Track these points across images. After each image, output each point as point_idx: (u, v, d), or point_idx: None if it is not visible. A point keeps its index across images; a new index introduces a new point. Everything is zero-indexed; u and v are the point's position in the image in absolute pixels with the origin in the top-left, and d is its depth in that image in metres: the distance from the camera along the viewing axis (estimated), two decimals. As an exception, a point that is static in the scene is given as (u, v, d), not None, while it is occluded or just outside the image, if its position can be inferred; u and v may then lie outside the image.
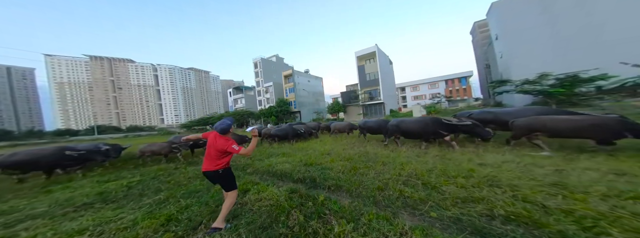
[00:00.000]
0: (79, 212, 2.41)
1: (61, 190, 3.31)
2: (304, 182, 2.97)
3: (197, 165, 4.56)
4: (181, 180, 3.47)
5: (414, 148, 4.50)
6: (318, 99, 38.47)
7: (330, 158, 4.08)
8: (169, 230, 1.81)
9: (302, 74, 35.34)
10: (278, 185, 2.86)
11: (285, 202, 2.18)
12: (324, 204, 2.10)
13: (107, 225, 1.97)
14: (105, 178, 3.94)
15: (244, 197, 2.43)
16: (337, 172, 3.20)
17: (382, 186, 2.45)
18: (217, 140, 1.85)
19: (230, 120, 1.96)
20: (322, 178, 2.93)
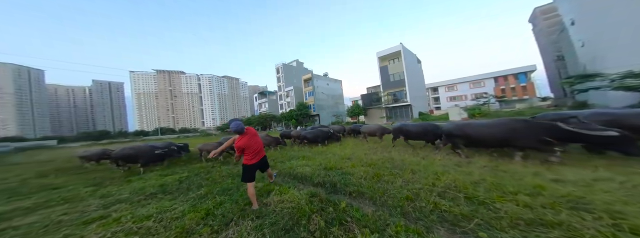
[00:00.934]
0: (147, 200, 2.88)
1: (137, 180, 3.97)
2: (324, 186, 2.92)
3: (229, 165, 4.97)
4: (216, 178, 3.76)
5: (451, 157, 3.92)
6: (337, 102, 38.04)
7: (351, 163, 3.92)
8: (207, 223, 2.00)
9: (321, 77, 35.75)
10: (299, 187, 2.87)
11: (306, 206, 2.17)
12: (346, 211, 2.03)
13: (164, 213, 2.29)
14: (165, 172, 4.51)
15: (267, 198, 2.52)
16: (358, 177, 3.04)
17: (411, 196, 2.22)
18: (237, 140, 2.31)
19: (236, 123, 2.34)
20: (342, 184, 2.84)
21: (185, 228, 1.92)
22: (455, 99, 33.13)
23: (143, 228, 1.98)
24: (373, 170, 3.30)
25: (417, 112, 22.56)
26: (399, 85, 23.81)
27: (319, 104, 32.65)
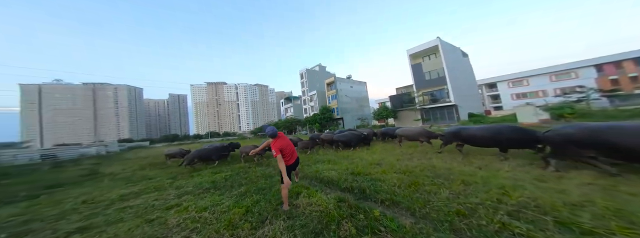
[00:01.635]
0: (204, 194, 3.29)
1: (197, 176, 4.58)
2: (351, 191, 2.86)
3: (262, 166, 5.35)
4: (253, 178, 4.06)
5: (529, 168, 3.12)
6: (362, 105, 36.54)
7: (381, 169, 3.71)
8: (247, 220, 2.18)
9: (343, 80, 35.33)
10: (325, 192, 2.88)
11: (335, 211, 2.17)
12: (379, 220, 1.93)
13: (216, 206, 2.62)
14: (215, 170, 5.10)
15: (296, 199, 2.60)
16: (390, 185, 2.86)
17: (464, 211, 1.92)
18: (271, 143, 2.45)
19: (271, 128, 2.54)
20: (373, 191, 2.71)
21: (231, 221, 2.17)
22: (527, 96, 25.82)
23: (202, 217, 2.34)
24: (409, 178, 3.04)
25: (464, 113, 18.79)
26: (437, 84, 20.52)
27: (343, 107, 32.05)
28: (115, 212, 2.72)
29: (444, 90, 19.72)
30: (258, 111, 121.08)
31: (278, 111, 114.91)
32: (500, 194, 2.20)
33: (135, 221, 2.33)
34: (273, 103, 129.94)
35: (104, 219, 2.47)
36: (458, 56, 22.31)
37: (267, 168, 4.97)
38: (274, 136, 2.46)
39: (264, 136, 37.68)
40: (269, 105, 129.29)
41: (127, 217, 2.49)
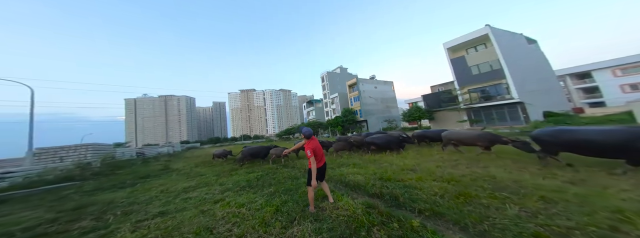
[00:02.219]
0: (241, 191, 3.60)
1: (235, 175, 5.09)
2: (381, 198, 2.70)
3: (288, 168, 5.59)
4: (280, 179, 4.27)
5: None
6: (389, 106, 34.11)
7: (417, 176, 3.38)
8: (277, 219, 2.29)
9: (367, 80, 33.82)
10: (351, 196, 2.82)
11: (363, 217, 2.08)
12: (417, 231, 1.73)
13: (251, 204, 2.87)
14: (249, 170, 5.59)
15: (322, 203, 2.60)
16: (430, 194, 2.56)
17: (545, 235, 1.50)
18: (305, 144, 2.50)
19: (307, 129, 2.60)
20: (407, 198, 2.49)
21: (264, 219, 2.32)
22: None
23: (240, 213, 2.60)
24: (455, 188, 2.67)
25: (536, 112, 14.66)
26: (490, 78, 16.78)
27: (366, 109, 30.57)
28: (180, 201, 3.33)
29: (501, 85, 16.01)
30: (282, 115, 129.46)
31: (300, 114, 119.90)
32: (616, 220, 1.64)
33: (193, 211, 2.78)
34: (296, 107, 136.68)
35: (174, 207, 3.05)
36: (520, 43, 17.71)
37: (292, 170, 5.15)
38: (309, 137, 2.51)
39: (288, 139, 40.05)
40: (292, 109, 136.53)
41: (188, 207, 3.00)
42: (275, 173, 4.95)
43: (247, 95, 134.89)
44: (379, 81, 34.87)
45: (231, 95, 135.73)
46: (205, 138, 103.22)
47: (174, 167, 8.13)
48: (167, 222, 2.43)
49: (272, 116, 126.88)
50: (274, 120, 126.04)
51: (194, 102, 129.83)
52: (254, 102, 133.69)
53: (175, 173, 6.48)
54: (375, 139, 6.37)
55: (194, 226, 2.25)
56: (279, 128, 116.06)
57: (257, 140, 53.68)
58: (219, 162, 8.48)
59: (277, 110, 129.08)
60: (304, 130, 2.53)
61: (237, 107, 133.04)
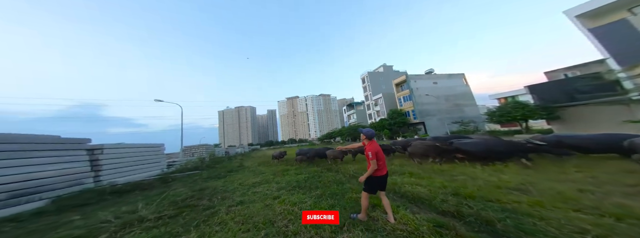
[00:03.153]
0: (292, 191, 3.91)
1: (287, 175, 5.57)
2: (458, 218, 2.21)
3: (332, 171, 5.66)
4: (326, 182, 4.41)
5: None
6: (459, 104, 27.01)
7: (531, 199, 2.46)
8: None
9: (421, 76, 28.67)
10: (411, 210, 2.48)
11: (432, 236, 1.78)
12: None
13: (301, 204, 3.09)
14: (298, 171, 6.15)
15: (373, 211, 2.46)
16: (571, 230, 1.70)
17: None
18: (367, 145, 2.32)
19: (369, 129, 2.43)
20: (512, 227, 1.83)
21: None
22: None
23: (293, 211, 2.84)
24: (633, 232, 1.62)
25: None
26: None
27: (423, 108, 25.75)
28: (251, 194, 4.16)
29: None
30: (323, 119, 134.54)
31: (341, 118, 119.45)
32: None
33: (260, 204, 3.39)
34: (335, 111, 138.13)
35: (248, 198, 3.86)
36: None
37: (337, 174, 5.18)
38: (371, 137, 2.36)
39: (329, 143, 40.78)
40: (332, 113, 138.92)
41: (256, 200, 3.68)
42: (320, 176, 5.15)
43: (292, 102, 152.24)
44: (441, 75, 28.59)
45: (280, 103, 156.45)
46: (263, 141, 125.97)
47: (246, 165, 10.36)
48: (245, 210, 3.12)
49: (314, 121, 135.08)
50: (316, 125, 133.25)
51: (255, 111, 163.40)
52: (298, 108, 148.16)
53: (246, 170, 8.24)
54: (469, 146, 4.85)
55: (261, 217, 2.73)
56: (320, 132, 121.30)
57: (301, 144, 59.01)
58: (275, 162, 9.92)
59: (318, 115, 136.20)
60: (365, 131, 2.35)
61: (285, 114, 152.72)
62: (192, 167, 10.02)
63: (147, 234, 2.44)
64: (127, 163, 7.69)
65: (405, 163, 5.73)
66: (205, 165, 10.88)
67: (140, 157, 8.51)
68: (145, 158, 8.76)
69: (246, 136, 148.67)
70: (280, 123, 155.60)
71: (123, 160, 7.49)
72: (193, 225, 2.62)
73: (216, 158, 14.40)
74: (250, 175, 6.55)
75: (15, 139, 4.63)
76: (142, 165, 8.47)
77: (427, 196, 2.86)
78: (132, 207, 3.46)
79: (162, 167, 9.87)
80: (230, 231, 2.37)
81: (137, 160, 8.26)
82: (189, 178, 7.15)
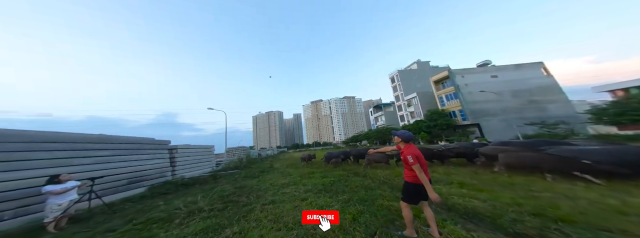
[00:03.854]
0: (318, 193, 4.06)
1: (312, 178, 5.71)
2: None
3: (360, 176, 5.47)
4: (353, 187, 4.31)
5: None
6: (536, 100, 21.23)
7: None
8: (355, 228, 2.28)
9: (472, 70, 24.16)
10: (464, 226, 2.13)
11: None
12: None
13: (328, 207, 3.12)
14: (324, 174, 6.22)
15: (413, 221, 2.16)
16: None
17: None
18: (404, 149, 2.08)
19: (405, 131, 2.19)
20: None
21: (342, 226, 2.34)
22: None
23: None
24: None
25: None
26: None
27: (476, 108, 21.48)
28: (281, 194, 4.44)
29: None
30: (348, 122, 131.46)
31: (367, 121, 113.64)
32: None
33: (290, 204, 3.58)
34: (361, 113, 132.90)
35: (278, 198, 4.14)
36: None
37: (365, 180, 4.96)
38: (408, 140, 2.13)
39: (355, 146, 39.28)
40: (357, 115, 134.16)
41: (286, 200, 3.91)
42: (347, 180, 5.06)
43: (316, 106, 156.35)
44: (504, 66, 23.31)
45: (304, 107, 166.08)
46: (290, 144, 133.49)
47: (275, 166, 11.21)
48: (276, 209, 3.37)
49: (338, 124, 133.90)
50: (340, 128, 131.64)
51: (282, 116, 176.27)
52: (322, 111, 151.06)
53: (276, 171, 8.90)
54: (601, 155, 3.43)
55: (291, 218, 2.88)
56: (345, 135, 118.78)
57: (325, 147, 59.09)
58: (303, 164, 10.30)
59: (342, 117, 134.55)
60: (400, 133, 2.13)
61: (309, 117, 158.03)
62: (233, 167, 11.70)
63: (203, 223, 2.90)
64: (191, 161, 9.73)
65: (452, 171, 5.15)
66: (243, 165, 12.48)
67: (199, 156, 10.59)
68: (202, 158, 10.85)
69: (275, 139, 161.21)
70: (305, 127, 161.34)
71: (188, 159, 9.52)
72: (235, 219, 3.03)
73: (251, 159, 16.27)
74: (280, 176, 7.01)
75: (129, 141, 6.70)
76: (199, 163, 10.51)
77: (489, 212, 2.42)
78: (194, 199, 4.32)
79: (212, 165, 11.95)
80: (265, 228, 2.60)
81: (197, 159, 10.32)
82: (231, 176, 8.34)
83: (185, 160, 9.22)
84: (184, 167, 9.01)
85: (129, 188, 5.88)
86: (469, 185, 3.74)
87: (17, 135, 4.08)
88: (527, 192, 3.24)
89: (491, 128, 20.16)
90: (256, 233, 2.46)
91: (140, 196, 5.50)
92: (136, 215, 3.72)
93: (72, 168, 4.54)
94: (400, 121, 35.70)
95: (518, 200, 2.78)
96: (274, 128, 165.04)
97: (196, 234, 2.55)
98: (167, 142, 8.48)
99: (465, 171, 5.25)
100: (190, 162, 9.63)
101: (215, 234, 2.53)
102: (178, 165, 8.59)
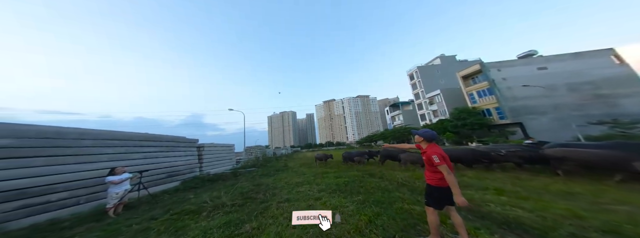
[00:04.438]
0: (332, 193, 4.03)
1: (326, 178, 5.73)
2: None
3: (376, 178, 5.29)
4: (369, 188, 4.27)
5: None
6: (600, 94, 17.46)
7: None
8: (372, 230, 2.20)
9: (512, 62, 21.14)
10: (503, 236, 1.92)
11: None
12: None
13: (342, 208, 3.09)
14: (338, 175, 6.05)
15: (439, 227, 2.01)
16: None
17: None
18: (427, 148, 1.95)
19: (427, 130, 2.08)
20: None
21: (358, 227, 2.28)
22: None
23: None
24: None
25: None
26: None
27: (518, 105, 18.68)
28: (295, 193, 4.53)
29: None
30: (361, 121, 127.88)
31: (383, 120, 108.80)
32: None
33: (304, 203, 3.64)
34: (376, 112, 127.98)
35: (293, 196, 4.23)
36: None
37: (381, 181, 4.78)
38: (432, 139, 2.01)
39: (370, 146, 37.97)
40: (372, 114, 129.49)
41: (300, 199, 3.97)
42: (361, 181, 4.95)
43: (329, 105, 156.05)
44: (557, 56, 19.87)
45: (317, 106, 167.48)
46: (303, 143, 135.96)
47: (289, 165, 11.55)
48: (291, 207, 3.46)
49: (352, 123, 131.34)
50: (353, 128, 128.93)
51: (296, 116, 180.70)
52: (335, 111, 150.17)
53: (290, 170, 9.15)
54: None
55: None
56: (358, 135, 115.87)
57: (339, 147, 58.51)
58: (317, 164, 10.34)
59: (356, 117, 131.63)
60: (423, 132, 2.01)
61: (322, 117, 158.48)
62: (250, 165, 12.45)
63: (226, 217, 3.10)
64: (215, 158, 10.68)
65: (486, 175, 4.62)
66: (260, 163, 13.17)
67: (221, 154, 11.57)
68: (224, 156, 11.82)
69: (289, 138, 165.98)
70: (318, 127, 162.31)
71: (212, 156, 10.48)
72: (254, 215, 3.20)
73: (267, 158, 17.08)
74: (294, 175, 7.17)
75: (167, 139, 7.68)
76: (222, 160, 11.47)
77: (538, 224, 2.12)
78: (218, 194, 4.71)
79: (233, 163, 12.91)
80: (281, 226, 2.70)
81: (220, 156, 11.29)
82: (249, 174, 8.87)
83: (210, 158, 10.16)
84: (209, 164, 9.94)
85: (166, 181, 6.75)
86: (509, 192, 3.32)
87: (88, 133, 4.99)
88: (592, 203, 2.73)
89: (538, 128, 17.12)
90: (273, 230, 2.56)
91: (175, 189, 6.26)
92: (172, 206, 4.23)
93: (125, 162, 5.40)
94: (421, 120, 33.18)
95: (579, 212, 2.38)
96: (287, 128, 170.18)
97: (220, 227, 2.78)
98: (195, 140, 9.47)
99: (503, 176, 4.63)
100: (214, 159, 10.56)
101: (237, 228, 2.71)
102: (204, 162, 9.52)
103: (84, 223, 3.51)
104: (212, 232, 2.63)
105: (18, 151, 3.75)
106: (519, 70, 19.81)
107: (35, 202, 3.71)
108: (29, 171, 3.79)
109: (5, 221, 3.30)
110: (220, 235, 2.52)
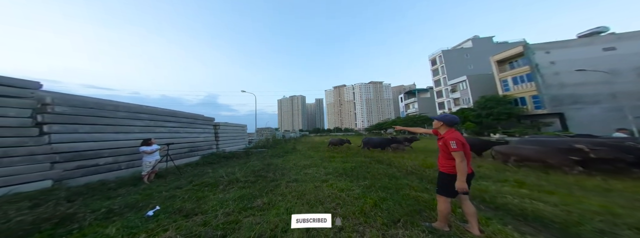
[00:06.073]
0: (339, 177, 4.14)
1: (333, 162, 5.90)
2: None
3: (383, 164, 5.38)
4: (375, 173, 4.34)
5: None
6: None
7: None
8: (377, 214, 2.26)
9: (569, 43, 17.20)
10: (517, 227, 1.85)
11: None
12: None
13: (349, 191, 3.17)
14: (345, 160, 6.35)
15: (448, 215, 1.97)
16: None
17: None
18: (445, 134, 1.86)
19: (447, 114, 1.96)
20: None
21: (363, 209, 2.32)
22: None
23: (341, 197, 2.91)
24: None
25: None
26: None
27: (563, 92, 16.04)
28: (303, 174, 4.73)
29: None
30: (372, 108, 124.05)
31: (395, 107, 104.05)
32: None
33: (311, 184, 3.78)
34: (389, 99, 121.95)
35: (301, 177, 4.44)
36: None
37: (389, 168, 4.81)
38: (453, 124, 1.90)
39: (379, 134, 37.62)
40: (384, 101, 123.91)
41: (307, 180, 4.14)
42: (368, 167, 5.02)
43: (339, 91, 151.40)
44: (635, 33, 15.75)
45: (327, 92, 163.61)
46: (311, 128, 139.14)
47: (298, 148, 11.99)
48: (299, 188, 3.62)
49: (361, 110, 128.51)
50: (363, 114, 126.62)
51: (305, 100, 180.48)
52: (345, 97, 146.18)
53: (298, 153, 9.50)
54: None
55: (312, 196, 3.05)
56: (368, 122, 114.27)
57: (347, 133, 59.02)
58: (327, 148, 10.36)
59: (366, 103, 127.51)
60: (442, 116, 1.91)
61: (331, 103, 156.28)
62: (261, 146, 13.22)
63: (240, 192, 3.33)
64: (229, 137, 11.45)
65: (506, 167, 4.53)
66: (270, 145, 13.91)
67: (235, 134, 12.32)
68: (237, 135, 12.60)
69: (297, 122, 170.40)
70: (327, 112, 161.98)
71: (227, 135, 11.20)
72: (264, 191, 3.44)
73: (276, 140, 17.94)
74: (302, 158, 7.46)
75: (188, 116, 8.17)
76: (235, 139, 12.28)
77: (560, 218, 2.01)
78: (232, 170, 5.12)
79: (245, 142, 13.82)
80: (289, 203, 2.86)
81: (233, 135, 12.06)
82: (260, 154, 9.45)
83: (225, 136, 10.87)
84: (224, 142, 10.72)
85: (188, 155, 7.51)
86: (531, 186, 3.15)
87: (121, 106, 5.51)
88: (633, 200, 2.52)
89: (583, 120, 14.92)
90: (283, 206, 2.73)
91: (196, 163, 6.97)
92: (194, 178, 4.72)
93: (153, 135, 5.93)
94: (439, 109, 31.09)
95: (614, 209, 2.22)
96: (296, 112, 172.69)
97: (235, 200, 3.04)
98: (212, 118, 10.03)
99: (528, 170, 4.28)
100: (229, 138, 11.32)
101: (250, 202, 2.94)
102: (220, 140, 10.26)
103: (125, 186, 4.14)
104: (228, 203, 2.88)
105: (71, 118, 4.28)
106: (575, 52, 16.52)
107: (88, 164, 4.40)
108: (79, 136, 4.37)
109: (67, 178, 4.02)
110: (235, 207, 2.76)
